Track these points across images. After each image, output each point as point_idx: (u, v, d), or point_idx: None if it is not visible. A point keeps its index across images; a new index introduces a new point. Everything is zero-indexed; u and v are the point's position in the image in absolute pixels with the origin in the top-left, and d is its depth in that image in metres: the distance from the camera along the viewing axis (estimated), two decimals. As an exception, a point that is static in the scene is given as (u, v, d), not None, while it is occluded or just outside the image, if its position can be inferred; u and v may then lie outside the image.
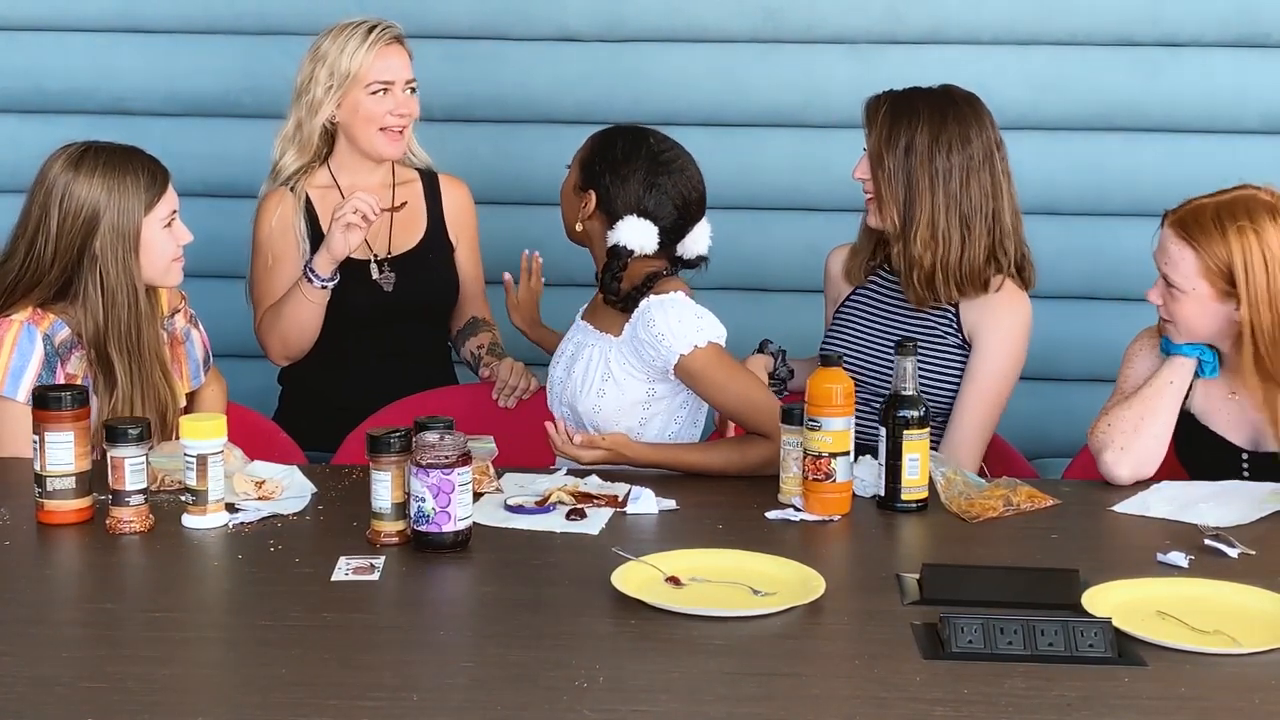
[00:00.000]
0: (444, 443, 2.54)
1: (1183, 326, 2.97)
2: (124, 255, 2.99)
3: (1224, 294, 2.90)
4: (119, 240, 2.99)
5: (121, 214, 2.99)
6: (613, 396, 3.03)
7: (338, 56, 3.51)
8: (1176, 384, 3.00)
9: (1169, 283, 2.94)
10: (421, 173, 3.69)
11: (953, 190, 3.12)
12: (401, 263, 3.59)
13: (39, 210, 3.01)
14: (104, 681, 2.11)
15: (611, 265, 3.02)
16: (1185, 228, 2.91)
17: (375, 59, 3.51)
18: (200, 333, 3.29)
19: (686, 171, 3.09)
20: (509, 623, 2.30)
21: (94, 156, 3.02)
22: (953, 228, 3.12)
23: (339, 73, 3.52)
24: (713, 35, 4.25)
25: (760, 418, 2.96)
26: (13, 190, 3.41)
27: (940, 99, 3.17)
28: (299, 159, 3.58)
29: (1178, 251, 2.92)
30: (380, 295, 3.56)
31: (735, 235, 4.26)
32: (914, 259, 3.14)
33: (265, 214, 3.58)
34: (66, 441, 2.69)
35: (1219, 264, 2.88)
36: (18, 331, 2.97)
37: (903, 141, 3.13)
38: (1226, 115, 4.18)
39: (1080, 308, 4.24)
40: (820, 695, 2.10)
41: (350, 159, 3.59)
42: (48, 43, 4.35)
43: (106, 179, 3.00)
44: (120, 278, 2.99)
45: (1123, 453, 2.96)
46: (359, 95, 3.52)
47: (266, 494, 2.81)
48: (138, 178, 3.02)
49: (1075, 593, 2.35)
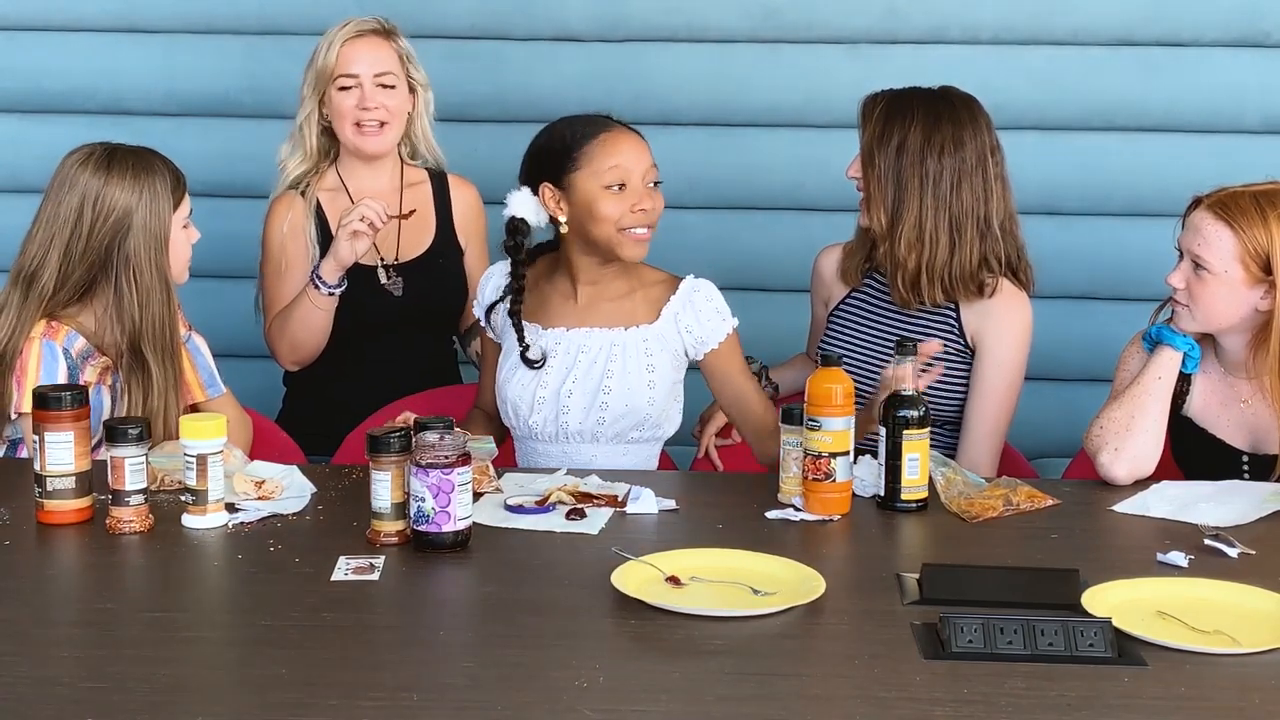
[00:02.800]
0: (444, 443, 2.54)
1: (1202, 311, 2.95)
2: (156, 255, 3.04)
3: (1256, 280, 2.89)
4: (151, 240, 3.03)
5: (153, 215, 3.04)
6: (661, 386, 3.05)
7: (318, 54, 3.53)
8: (1164, 379, 3.00)
9: (1199, 264, 2.92)
10: (431, 173, 3.68)
11: (942, 193, 3.12)
12: (410, 269, 3.58)
13: (70, 213, 3.03)
14: (104, 681, 2.11)
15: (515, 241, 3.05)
16: (1225, 209, 2.90)
17: (342, 54, 3.51)
18: (201, 339, 3.29)
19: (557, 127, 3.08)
20: (509, 623, 2.30)
21: (122, 159, 3.06)
22: (941, 230, 3.12)
23: (315, 70, 3.54)
24: (713, 35, 4.25)
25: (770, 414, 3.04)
26: (13, 190, 3.42)
27: (936, 100, 3.17)
28: (301, 162, 3.59)
29: (1214, 232, 2.90)
30: (388, 301, 3.55)
31: (735, 235, 4.28)
32: (898, 260, 3.14)
33: (275, 218, 3.57)
34: (66, 441, 2.69)
35: (1257, 248, 2.87)
36: (40, 350, 3.00)
37: (895, 141, 3.13)
38: (1226, 115, 4.18)
39: (1080, 308, 4.24)
40: (820, 695, 2.10)
41: (351, 160, 3.59)
42: (48, 43, 4.34)
43: (138, 180, 3.04)
44: (154, 278, 3.03)
45: (1117, 453, 2.96)
46: (332, 91, 3.52)
47: (266, 494, 2.81)
48: (165, 178, 3.07)
49: (1075, 593, 2.35)
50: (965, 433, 3.17)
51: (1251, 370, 2.97)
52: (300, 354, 3.51)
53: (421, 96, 3.62)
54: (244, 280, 4.32)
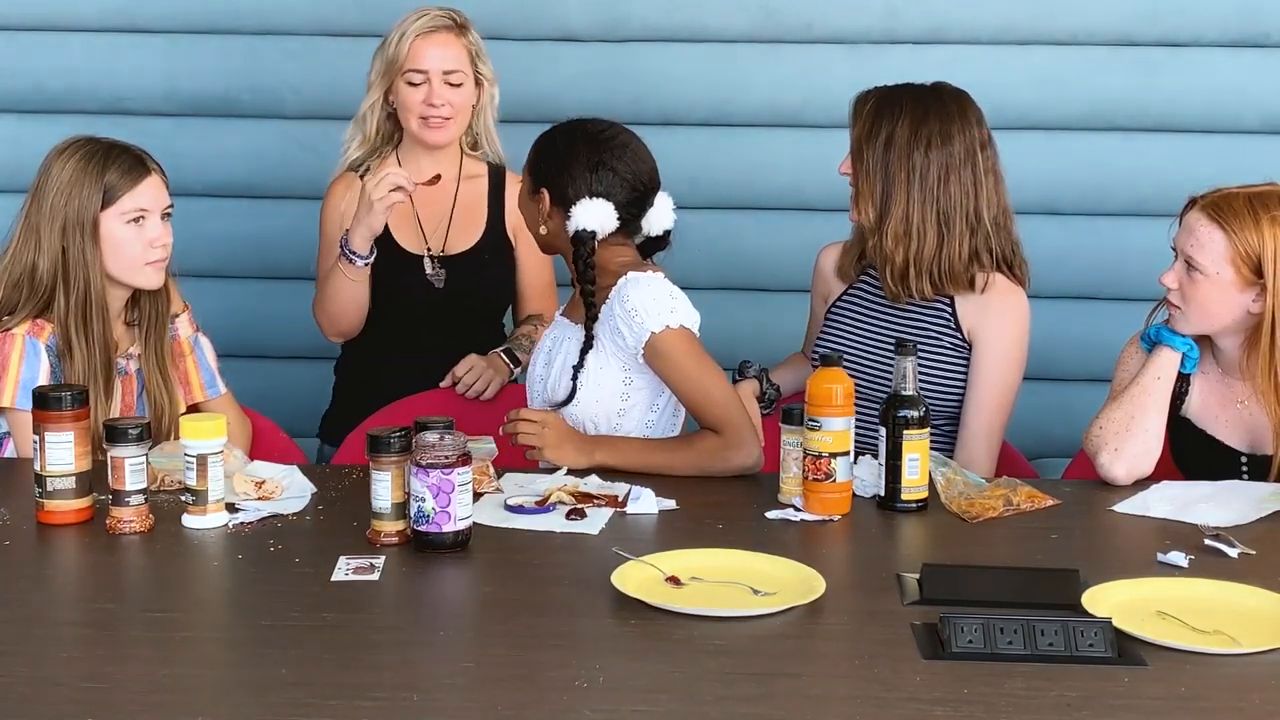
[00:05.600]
0: (444, 443, 2.54)
1: (1195, 313, 2.96)
2: (81, 242, 3.03)
3: (1247, 282, 2.89)
4: (77, 228, 3.03)
5: (80, 202, 3.03)
6: (591, 387, 3.03)
7: (390, 43, 3.55)
8: (1163, 379, 3.00)
9: (1191, 265, 2.93)
10: (491, 167, 3.69)
11: (929, 186, 3.11)
12: (455, 262, 3.60)
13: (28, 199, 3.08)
14: (104, 681, 2.11)
15: (580, 252, 3.01)
16: (1218, 211, 2.90)
17: (413, 48, 3.52)
18: (206, 341, 3.30)
19: (630, 146, 3.07)
20: (509, 623, 2.30)
21: (75, 148, 3.08)
22: (928, 224, 3.12)
23: (386, 60, 3.55)
24: (713, 35, 4.25)
25: (717, 411, 2.96)
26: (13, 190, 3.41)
27: (926, 95, 3.17)
28: (362, 146, 3.61)
29: (1207, 233, 2.91)
30: (431, 291, 3.57)
31: (735, 235, 4.28)
32: (886, 254, 3.14)
33: (333, 198, 3.60)
34: (66, 441, 2.69)
35: (1249, 250, 2.87)
36: (22, 345, 3.02)
37: (883, 135, 3.13)
38: (1226, 115, 4.18)
39: (1080, 308, 4.24)
40: (820, 695, 2.10)
41: (413, 146, 3.60)
42: (48, 43, 4.34)
43: (75, 168, 3.04)
44: (79, 262, 3.03)
45: (1117, 453, 2.96)
46: (400, 84, 3.53)
47: (266, 494, 2.81)
48: (103, 170, 3.05)
49: (1075, 593, 2.35)
50: (962, 428, 3.16)
51: (1246, 371, 2.97)
52: (340, 326, 3.54)
53: (487, 91, 3.63)
54: (244, 280, 4.32)
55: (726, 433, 2.94)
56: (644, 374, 3.03)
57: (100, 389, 3.03)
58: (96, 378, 3.02)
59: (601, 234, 3.01)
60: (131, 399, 3.15)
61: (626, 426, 3.05)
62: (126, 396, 3.14)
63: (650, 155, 3.09)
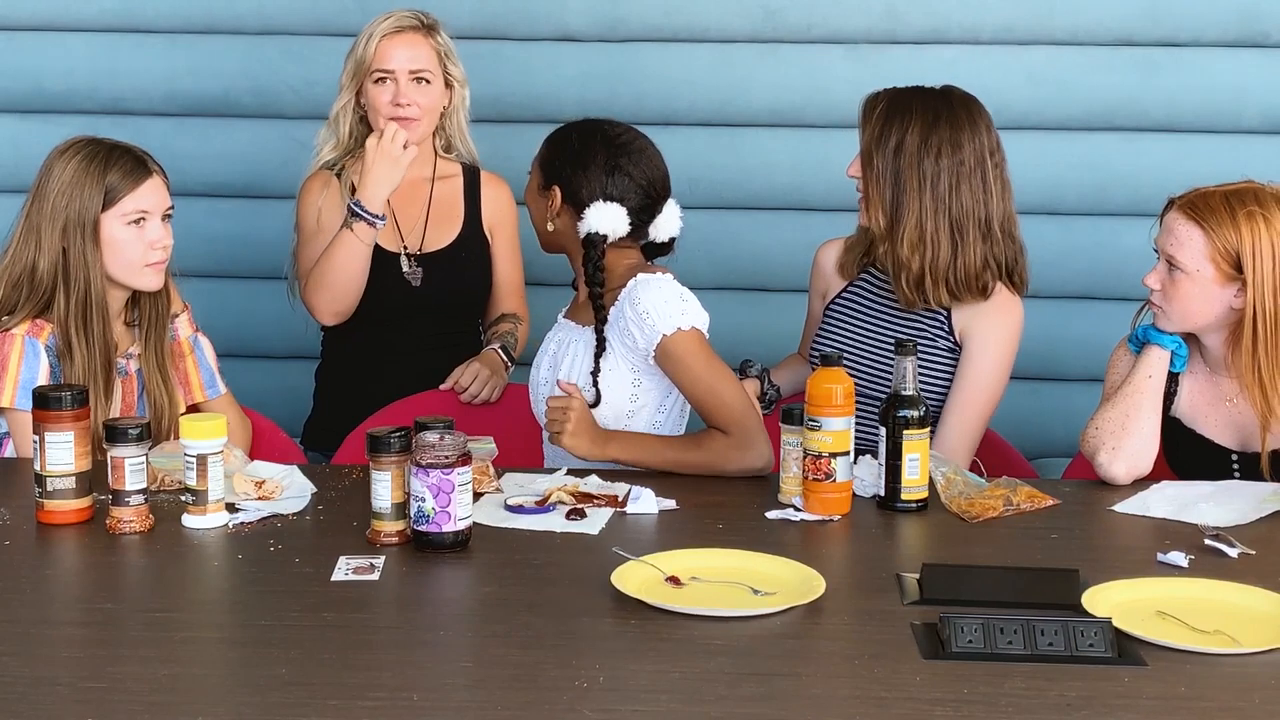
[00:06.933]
0: (444, 443, 2.54)
1: (1178, 311, 2.96)
2: (82, 243, 3.03)
3: (1228, 279, 2.90)
4: (78, 229, 3.03)
5: (80, 203, 3.03)
6: (600, 389, 3.03)
7: (358, 45, 3.57)
8: (1155, 377, 3.01)
9: (1172, 264, 2.94)
10: (464, 168, 3.70)
11: (941, 194, 3.11)
12: (432, 260, 3.61)
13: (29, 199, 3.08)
14: (104, 681, 2.11)
15: (590, 255, 3.02)
16: (1195, 209, 2.92)
17: (380, 48, 3.53)
18: (207, 341, 3.30)
19: (646, 152, 3.08)
20: (509, 623, 2.30)
21: (76, 149, 3.08)
22: (941, 232, 3.12)
23: (355, 61, 3.57)
24: (713, 35, 4.25)
25: (727, 412, 2.96)
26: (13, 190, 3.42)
27: (936, 101, 3.16)
28: (335, 149, 3.62)
29: (1185, 232, 2.92)
30: (408, 290, 3.57)
31: (735, 235, 4.28)
32: (901, 261, 3.14)
33: (309, 194, 3.60)
34: (66, 441, 2.69)
35: (1227, 247, 2.88)
36: (21, 345, 3.02)
37: (893, 141, 3.13)
38: (1226, 115, 4.18)
39: (1080, 308, 4.24)
40: (820, 695, 2.10)
41: None
42: (48, 43, 4.34)
43: (77, 169, 3.04)
44: (79, 263, 3.02)
45: (1114, 452, 2.96)
46: (368, 84, 3.54)
47: (266, 494, 2.81)
48: (104, 171, 3.05)
49: (1075, 593, 2.35)
50: (940, 425, 3.14)
51: (1232, 368, 2.98)
52: (342, 302, 3.49)
53: (458, 92, 3.64)
54: (244, 280, 4.32)
55: (736, 433, 2.94)
56: (652, 376, 3.03)
57: (100, 389, 3.03)
58: (96, 378, 3.03)
59: (612, 238, 3.02)
60: (131, 399, 3.15)
61: (634, 427, 3.05)
62: (126, 396, 3.14)
63: (663, 162, 3.10)
